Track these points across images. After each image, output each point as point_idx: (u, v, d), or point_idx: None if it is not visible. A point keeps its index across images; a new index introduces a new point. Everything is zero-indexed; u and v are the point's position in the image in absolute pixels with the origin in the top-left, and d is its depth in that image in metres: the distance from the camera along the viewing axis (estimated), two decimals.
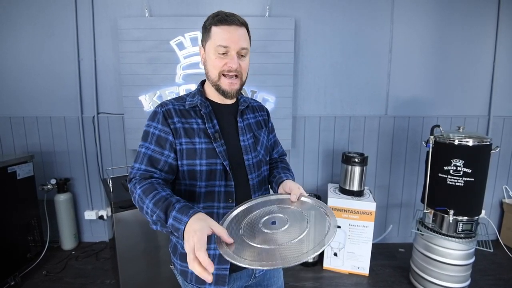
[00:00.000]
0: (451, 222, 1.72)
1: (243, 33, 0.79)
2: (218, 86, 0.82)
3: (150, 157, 0.78)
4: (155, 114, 0.82)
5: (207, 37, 0.81)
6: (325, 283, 2.04)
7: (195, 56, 2.21)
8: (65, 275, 2.08)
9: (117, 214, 1.57)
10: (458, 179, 1.67)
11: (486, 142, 1.66)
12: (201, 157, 0.80)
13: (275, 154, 1.05)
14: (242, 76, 0.82)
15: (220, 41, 0.77)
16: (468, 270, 1.80)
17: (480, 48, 2.38)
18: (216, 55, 0.78)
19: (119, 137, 2.40)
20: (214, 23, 0.79)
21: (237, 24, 0.78)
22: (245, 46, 0.79)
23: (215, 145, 0.81)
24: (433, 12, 2.33)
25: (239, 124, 0.88)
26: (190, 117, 0.83)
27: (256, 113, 0.97)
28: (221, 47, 0.77)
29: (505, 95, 2.45)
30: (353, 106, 2.43)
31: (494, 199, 2.59)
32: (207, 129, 0.82)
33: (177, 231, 0.63)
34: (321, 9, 2.29)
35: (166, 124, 0.80)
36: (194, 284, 0.84)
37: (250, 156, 0.87)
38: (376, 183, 2.53)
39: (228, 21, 0.77)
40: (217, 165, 0.81)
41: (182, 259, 0.85)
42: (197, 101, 0.84)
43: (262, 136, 0.94)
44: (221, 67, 0.79)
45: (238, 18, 0.79)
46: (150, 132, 0.80)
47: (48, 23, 2.26)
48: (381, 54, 2.37)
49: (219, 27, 0.78)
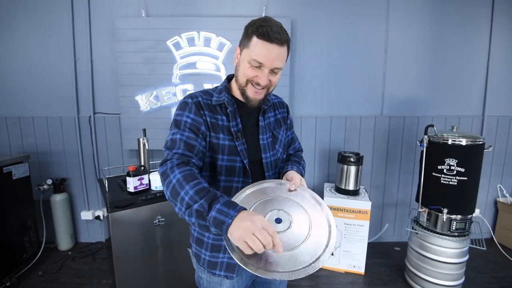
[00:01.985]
0: (445, 221, 1.74)
1: (281, 53, 0.77)
2: (243, 91, 0.83)
3: (186, 143, 0.77)
4: (185, 104, 0.83)
5: (246, 42, 0.78)
6: (321, 282, 2.05)
7: (191, 56, 2.21)
8: (62, 275, 2.08)
9: (113, 214, 1.57)
10: (452, 178, 1.69)
11: (479, 141, 1.68)
12: (223, 153, 0.82)
13: (291, 151, 1.06)
14: (269, 89, 0.84)
15: (256, 56, 0.75)
16: (462, 268, 1.82)
17: (474, 49, 2.41)
18: (249, 65, 0.78)
19: (116, 137, 2.40)
20: (256, 33, 0.75)
21: (279, 43, 0.75)
22: (279, 66, 0.78)
23: (237, 144, 0.83)
24: (427, 13, 2.35)
25: (260, 123, 0.90)
26: (217, 113, 0.85)
27: (276, 110, 0.97)
28: (256, 62, 0.76)
29: (499, 95, 2.47)
30: (349, 106, 2.45)
31: (488, 198, 2.62)
32: (231, 127, 0.84)
33: (220, 224, 0.60)
34: (317, 10, 2.31)
35: (199, 114, 0.81)
36: (205, 268, 0.88)
37: (268, 154, 0.89)
38: (372, 182, 2.55)
39: (270, 38, 0.73)
40: (236, 162, 0.83)
41: (197, 243, 0.90)
42: (224, 98, 0.85)
43: (281, 134, 0.96)
44: (250, 77, 0.79)
45: (281, 36, 0.75)
46: (183, 120, 0.80)
47: (44, 23, 2.25)
48: (376, 54, 2.39)
49: (260, 40, 0.74)
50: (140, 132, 1.96)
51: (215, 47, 2.20)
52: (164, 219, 1.72)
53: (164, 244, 1.74)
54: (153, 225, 1.69)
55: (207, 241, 0.87)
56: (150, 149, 2.13)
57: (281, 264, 0.61)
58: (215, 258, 0.86)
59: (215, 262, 0.86)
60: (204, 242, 0.88)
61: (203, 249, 0.88)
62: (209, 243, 0.87)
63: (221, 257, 0.86)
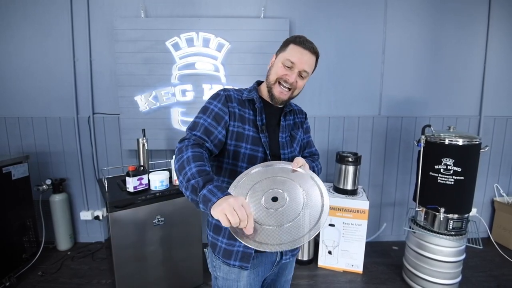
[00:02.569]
0: (442, 220, 1.76)
1: (311, 61, 0.91)
2: (271, 89, 0.94)
3: (206, 128, 0.87)
4: (217, 95, 0.93)
5: (283, 49, 0.93)
6: (320, 281, 2.06)
7: (190, 56, 2.22)
8: (61, 275, 2.08)
9: (113, 214, 1.58)
10: (449, 177, 1.71)
11: (476, 141, 1.70)
12: (247, 142, 0.91)
13: (306, 153, 1.13)
14: (294, 91, 0.94)
15: (291, 56, 0.89)
16: (459, 267, 1.83)
17: (471, 49, 2.43)
18: (282, 65, 0.90)
19: (115, 138, 2.40)
20: (293, 41, 0.91)
21: (311, 51, 0.90)
22: (308, 70, 0.91)
23: (261, 136, 0.92)
24: (425, 14, 2.37)
25: (281, 123, 0.99)
26: (245, 107, 0.95)
27: (295, 115, 1.09)
28: (289, 61, 0.89)
29: (495, 96, 2.50)
30: (347, 106, 2.46)
31: (485, 197, 2.64)
32: (256, 121, 0.93)
33: (207, 201, 0.67)
34: (315, 10, 2.32)
35: (226, 106, 0.91)
36: (220, 258, 0.93)
37: (286, 151, 0.98)
38: (370, 182, 2.56)
39: (305, 45, 0.89)
40: (258, 152, 0.92)
41: (215, 231, 0.95)
42: (253, 95, 0.96)
43: (299, 135, 1.05)
44: (280, 75, 0.91)
45: (314, 47, 0.91)
46: (210, 108, 0.90)
47: (43, 23, 2.25)
48: (374, 55, 2.40)
49: (296, 46, 0.90)
50: (140, 132, 1.97)
51: (214, 48, 2.21)
52: (164, 219, 1.73)
53: (164, 244, 1.75)
54: (153, 225, 1.70)
55: (225, 228, 0.91)
56: (149, 149, 2.14)
57: (286, 236, 0.67)
58: (231, 246, 0.91)
59: (231, 250, 0.91)
60: (222, 229, 0.92)
61: (220, 236, 0.93)
62: (227, 230, 0.91)
63: (237, 245, 0.90)
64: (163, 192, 1.72)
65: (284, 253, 0.97)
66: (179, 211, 1.78)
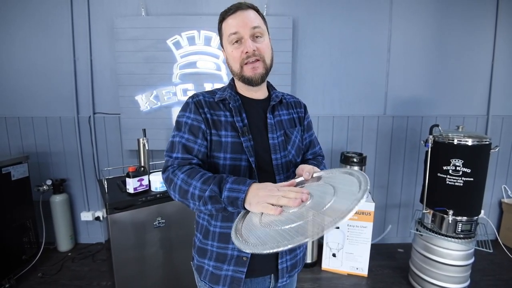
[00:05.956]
0: (450, 222, 1.71)
1: (251, 15, 0.77)
2: (242, 76, 0.79)
3: (184, 145, 0.77)
4: (187, 105, 0.82)
5: (221, 35, 0.82)
6: (324, 284, 2.02)
7: (192, 55, 2.19)
8: (61, 277, 2.06)
9: (112, 215, 1.54)
10: (458, 179, 1.66)
11: (486, 141, 1.65)
12: (225, 151, 0.77)
13: (309, 156, 0.94)
14: (265, 59, 0.78)
15: (230, 29, 0.76)
16: (467, 271, 1.78)
17: (478, 48, 2.37)
18: (231, 47, 0.77)
19: (116, 137, 2.37)
20: (222, 19, 0.80)
21: (243, 8, 0.77)
22: (257, 24, 0.76)
23: (242, 140, 0.77)
24: (431, 11, 2.31)
25: (268, 120, 0.83)
26: (219, 109, 0.81)
27: (291, 109, 0.91)
28: (232, 35, 0.76)
29: (503, 95, 2.43)
30: (351, 105, 2.42)
31: (493, 198, 2.58)
32: (235, 123, 0.79)
33: (235, 201, 0.62)
34: (319, 8, 2.27)
35: (198, 113, 0.79)
36: (207, 283, 0.83)
37: (279, 155, 0.81)
38: (375, 183, 2.51)
39: (232, 11, 0.77)
40: (241, 160, 0.77)
41: (200, 254, 0.85)
42: (226, 94, 0.82)
43: (295, 135, 0.87)
44: (239, 57, 0.77)
45: (241, 4, 0.77)
46: (183, 122, 0.80)
47: (43, 22, 2.23)
48: (379, 53, 2.35)
49: (226, 20, 0.78)
50: (140, 132, 1.94)
51: (215, 46, 2.18)
52: (164, 221, 1.69)
53: (164, 245, 1.71)
54: (153, 227, 1.67)
55: (211, 250, 0.82)
56: (150, 149, 2.11)
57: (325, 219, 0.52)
58: (219, 270, 0.80)
59: (219, 275, 0.80)
60: (208, 251, 0.82)
61: (206, 259, 0.83)
62: (213, 252, 0.82)
63: (225, 269, 0.79)
64: (164, 193, 1.69)
65: (280, 276, 0.83)
66: (180, 213, 1.74)
